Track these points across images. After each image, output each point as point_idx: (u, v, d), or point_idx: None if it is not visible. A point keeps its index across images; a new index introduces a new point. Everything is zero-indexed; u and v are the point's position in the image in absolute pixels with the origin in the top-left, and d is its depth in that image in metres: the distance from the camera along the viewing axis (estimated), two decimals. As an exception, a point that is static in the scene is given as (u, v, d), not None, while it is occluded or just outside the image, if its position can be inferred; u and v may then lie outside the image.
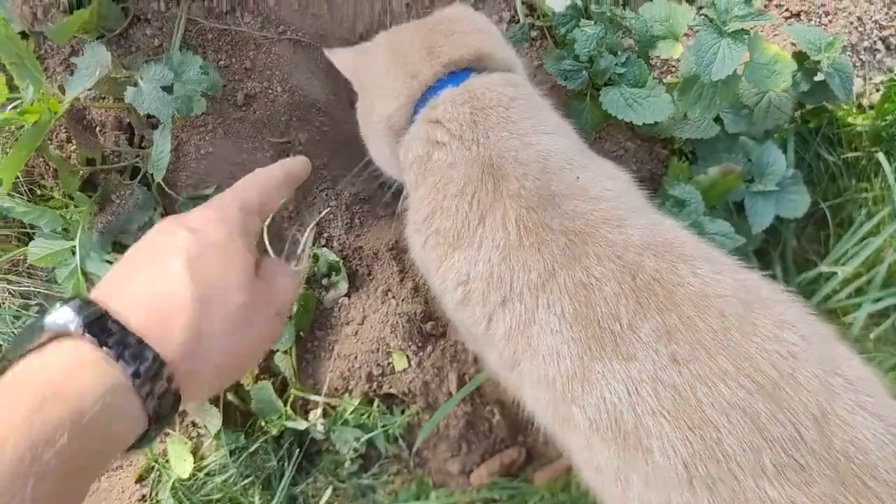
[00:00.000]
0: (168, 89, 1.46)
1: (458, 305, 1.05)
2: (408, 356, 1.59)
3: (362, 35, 1.73)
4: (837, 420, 0.78)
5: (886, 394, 0.85)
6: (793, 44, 1.62)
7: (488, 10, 1.63)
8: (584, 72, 1.43)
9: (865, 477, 0.76)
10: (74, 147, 1.62)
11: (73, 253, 1.47)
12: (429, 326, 1.62)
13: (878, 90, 1.68)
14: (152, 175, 1.58)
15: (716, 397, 0.79)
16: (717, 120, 1.47)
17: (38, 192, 1.66)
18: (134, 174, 1.62)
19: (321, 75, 1.76)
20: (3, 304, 1.66)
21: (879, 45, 1.69)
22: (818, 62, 1.41)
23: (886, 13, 1.70)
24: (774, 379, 0.79)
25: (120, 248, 1.59)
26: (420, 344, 1.60)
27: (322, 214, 1.73)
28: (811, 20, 1.65)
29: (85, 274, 1.48)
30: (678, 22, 1.40)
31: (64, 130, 1.64)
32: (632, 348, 0.85)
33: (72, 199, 1.58)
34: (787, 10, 1.68)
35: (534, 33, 1.59)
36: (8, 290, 1.67)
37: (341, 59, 1.30)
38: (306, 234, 1.70)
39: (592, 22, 1.42)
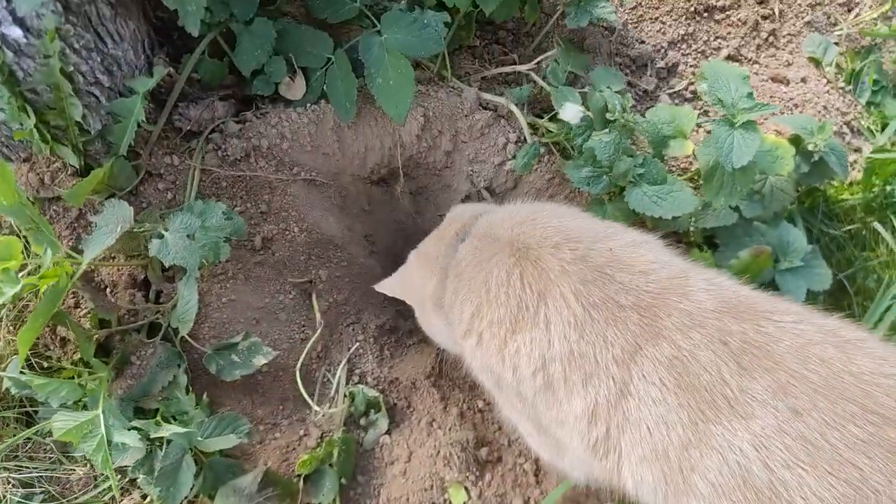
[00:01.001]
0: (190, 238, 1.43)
1: (540, 393, 1.03)
2: (466, 488, 1.48)
3: (373, 170, 1.76)
4: None
5: None
6: (776, 133, 1.76)
7: (495, 133, 1.70)
8: (604, 176, 1.49)
9: None
10: (84, 312, 1.53)
11: (98, 424, 1.33)
12: (484, 453, 1.53)
13: (853, 168, 1.82)
14: (174, 330, 1.50)
15: (849, 438, 0.81)
16: (734, 208, 1.55)
17: (45, 364, 1.53)
18: (151, 333, 1.53)
19: (335, 211, 1.77)
20: (4, 497, 1.47)
21: (845, 129, 1.86)
22: (812, 144, 1.53)
23: (844, 101, 1.89)
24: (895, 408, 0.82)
25: (143, 414, 1.47)
26: (478, 473, 1.50)
27: (351, 350, 1.67)
28: (782, 112, 1.82)
29: (110, 444, 1.34)
30: (683, 122, 1.51)
31: (72, 296, 1.56)
32: (748, 408, 0.86)
33: (87, 366, 1.46)
34: (759, 106, 1.85)
35: (541, 150, 1.67)
36: (10, 479, 1.49)
37: (389, 285, 1.44)
38: (338, 374, 1.63)
39: (606, 130, 1.50)
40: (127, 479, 1.54)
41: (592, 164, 1.49)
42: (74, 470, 1.54)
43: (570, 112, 1.49)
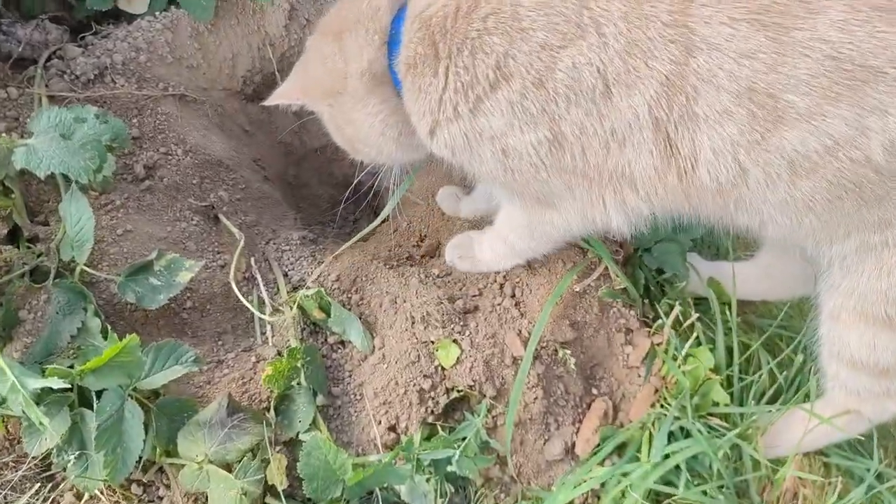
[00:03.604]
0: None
1: (599, 101, 0.95)
2: (455, 341, 1.35)
3: (245, 79, 1.62)
4: None
5: None
6: None
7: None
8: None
9: None
10: (-62, 282, 1.20)
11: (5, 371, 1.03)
12: (459, 305, 1.42)
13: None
14: (69, 266, 1.22)
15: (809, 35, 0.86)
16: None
17: None
18: (36, 282, 1.24)
19: (216, 131, 1.59)
20: None
21: None
22: None
23: None
24: None
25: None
26: (462, 323, 1.38)
27: (280, 255, 1.48)
28: None
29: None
30: None
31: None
32: (823, 3, 0.86)
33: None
34: None
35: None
36: None
37: (285, 90, 1.21)
38: (278, 277, 1.43)
39: None
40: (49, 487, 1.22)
41: None
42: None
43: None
